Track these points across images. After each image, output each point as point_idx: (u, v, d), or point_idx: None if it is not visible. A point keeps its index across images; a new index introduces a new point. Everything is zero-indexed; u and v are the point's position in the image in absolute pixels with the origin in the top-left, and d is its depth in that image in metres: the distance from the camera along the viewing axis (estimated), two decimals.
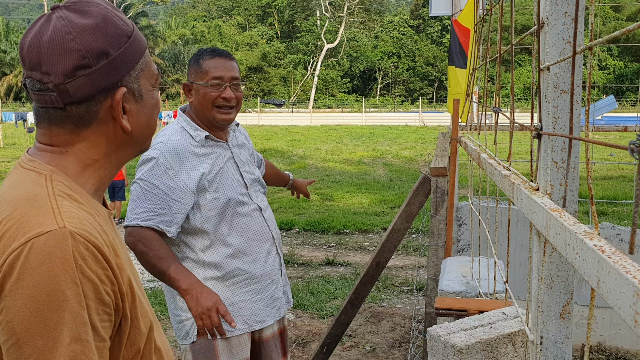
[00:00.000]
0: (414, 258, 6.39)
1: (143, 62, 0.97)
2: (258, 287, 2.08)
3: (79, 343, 0.78)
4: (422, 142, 20.32)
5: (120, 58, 0.92)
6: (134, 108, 0.96)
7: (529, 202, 1.00)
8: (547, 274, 1.00)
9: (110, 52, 0.91)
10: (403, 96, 50.01)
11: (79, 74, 0.88)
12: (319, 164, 14.50)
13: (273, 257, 2.14)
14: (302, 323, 4.54)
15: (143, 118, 0.98)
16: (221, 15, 57.97)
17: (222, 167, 2.05)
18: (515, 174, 1.29)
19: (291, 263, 6.21)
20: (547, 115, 0.99)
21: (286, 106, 44.86)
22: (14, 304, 0.77)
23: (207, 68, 2.01)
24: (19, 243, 0.80)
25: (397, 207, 9.14)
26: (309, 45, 51.04)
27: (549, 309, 1.01)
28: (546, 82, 0.98)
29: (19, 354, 0.77)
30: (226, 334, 1.91)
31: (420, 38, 51.44)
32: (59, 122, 0.92)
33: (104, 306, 0.83)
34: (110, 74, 0.91)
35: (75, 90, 0.89)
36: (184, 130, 2.05)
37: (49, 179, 0.89)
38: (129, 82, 0.94)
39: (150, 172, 1.95)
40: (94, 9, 0.91)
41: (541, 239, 1.02)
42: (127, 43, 0.93)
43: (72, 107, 0.91)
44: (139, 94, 0.97)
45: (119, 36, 0.92)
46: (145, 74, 0.98)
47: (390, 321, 4.60)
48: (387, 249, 3.02)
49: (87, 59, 0.88)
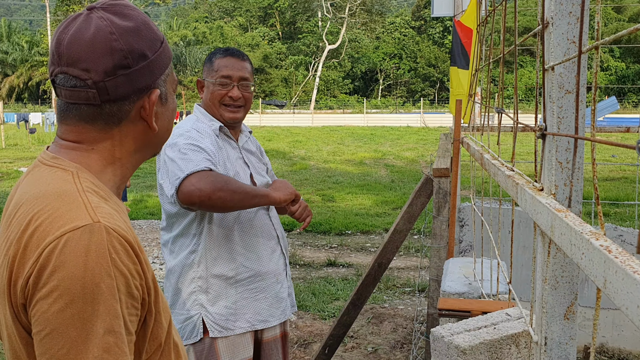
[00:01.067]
0: (415, 259, 6.39)
1: (170, 68, 1.02)
2: (262, 285, 2.07)
3: (112, 335, 0.80)
4: (423, 143, 20.31)
5: (156, 61, 0.97)
6: (160, 110, 1.01)
7: (533, 203, 1.00)
8: (551, 274, 1.00)
9: (148, 54, 0.95)
10: (404, 97, 50.01)
11: (119, 72, 0.92)
12: (321, 165, 14.50)
13: (278, 255, 2.14)
14: (303, 324, 4.54)
15: (166, 121, 1.03)
16: (223, 16, 58.04)
17: (234, 162, 2.07)
18: (519, 174, 1.29)
19: (293, 264, 6.20)
20: (551, 115, 0.98)
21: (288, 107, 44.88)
22: (50, 295, 0.79)
23: (218, 66, 2.06)
24: (54, 237, 0.81)
25: (398, 208, 9.14)
26: (311, 46, 51.06)
27: (553, 310, 1.01)
28: (551, 82, 0.98)
29: (52, 344, 0.78)
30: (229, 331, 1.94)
31: (422, 39, 51.44)
32: (91, 119, 0.95)
33: (132, 300, 0.85)
34: (147, 76, 0.95)
35: (113, 89, 0.92)
36: (201, 121, 2.10)
37: (76, 176, 0.91)
38: (161, 85, 0.99)
39: (182, 143, 1.90)
40: (133, 12, 0.96)
41: (545, 240, 1.02)
42: (161, 48, 0.98)
43: (107, 105, 0.94)
44: (165, 97, 1.01)
45: (155, 40, 0.97)
46: (170, 79, 1.02)
47: (392, 322, 4.60)
48: (389, 250, 3.01)
49: (129, 59, 0.93)
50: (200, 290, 2.00)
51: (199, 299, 2.00)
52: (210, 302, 2.00)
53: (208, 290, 2.00)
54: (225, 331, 2.00)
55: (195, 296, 2.00)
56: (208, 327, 2.00)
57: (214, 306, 2.00)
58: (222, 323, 2.00)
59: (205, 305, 2.00)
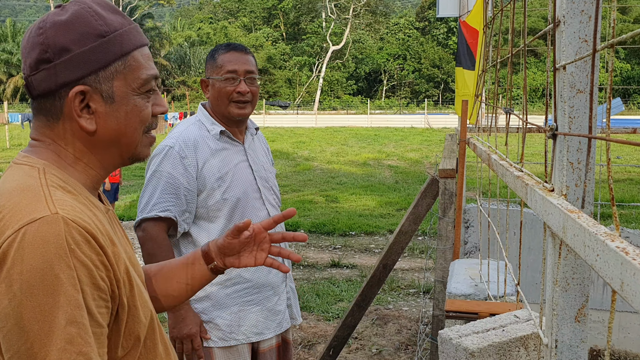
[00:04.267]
0: (420, 260, 6.37)
1: (122, 65, 0.95)
2: (258, 298, 2.04)
3: (75, 326, 0.79)
4: (427, 144, 20.28)
5: (84, 56, 0.92)
6: (102, 110, 0.95)
7: (544, 204, 0.98)
8: (562, 276, 0.99)
9: (72, 48, 0.92)
10: (408, 98, 49.94)
11: (41, 67, 0.92)
12: (324, 166, 14.49)
13: None
14: (307, 325, 4.53)
15: (112, 122, 0.96)
16: (227, 17, 58.09)
17: (234, 168, 2.02)
18: (528, 175, 1.28)
19: (297, 265, 6.19)
20: (562, 115, 0.97)
21: (291, 108, 44.88)
22: (9, 290, 0.78)
23: (222, 62, 2.01)
24: (12, 230, 0.81)
25: (402, 209, 9.12)
26: (315, 47, 51.06)
27: (564, 312, 1.00)
28: (562, 81, 0.97)
29: (16, 339, 0.77)
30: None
31: (426, 40, 51.37)
32: (36, 113, 0.96)
33: (99, 291, 0.83)
34: (71, 70, 0.92)
35: (37, 83, 0.92)
36: (201, 123, 2.06)
37: (41, 172, 0.91)
38: (95, 82, 0.94)
39: (165, 161, 1.94)
40: (73, 7, 0.94)
41: (556, 241, 1.00)
42: (96, 42, 0.93)
43: (41, 101, 0.94)
44: (110, 96, 0.95)
45: (87, 34, 0.92)
46: (124, 77, 0.96)
47: (396, 324, 4.58)
48: (395, 251, 3.00)
49: (49, 53, 0.91)
50: (196, 299, 1.99)
51: (195, 308, 1.98)
52: (206, 312, 1.99)
53: (204, 299, 1.99)
54: (220, 342, 1.99)
55: (194, 305, 1.99)
56: None
57: (209, 315, 1.99)
58: (218, 333, 1.99)
59: (201, 314, 1.99)
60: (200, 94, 40.53)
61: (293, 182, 11.92)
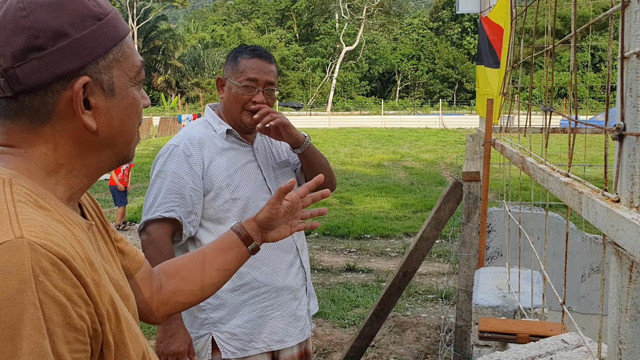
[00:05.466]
0: (438, 264, 6.20)
1: (119, 52, 0.83)
2: (278, 302, 1.91)
3: None
4: (442, 144, 20.05)
5: (84, 41, 0.78)
6: (102, 104, 0.82)
7: (609, 217, 0.83)
8: (632, 303, 0.84)
9: (70, 32, 0.77)
10: (423, 98, 49.62)
11: (30, 56, 0.75)
12: (338, 167, 14.33)
13: (296, 269, 1.97)
14: (323, 332, 4.38)
15: (114, 118, 0.83)
16: (240, 18, 58.22)
17: (242, 167, 1.92)
18: (579, 181, 1.13)
19: (311, 269, 6.06)
20: (633, 112, 0.82)
21: (304, 109, 44.80)
22: None
23: (244, 68, 1.89)
24: None
25: (418, 211, 8.94)
26: (328, 48, 50.93)
27: (633, 345, 0.84)
28: (632, 72, 0.81)
29: None
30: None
31: (440, 40, 51.02)
32: (13, 115, 0.78)
33: (75, 332, 0.68)
34: (70, 59, 0.77)
35: (25, 76, 0.75)
36: (208, 123, 1.97)
37: (7, 183, 0.74)
38: (96, 72, 0.80)
39: (170, 161, 1.85)
40: None
41: (624, 261, 0.85)
42: (94, 25, 0.79)
43: (26, 98, 0.77)
44: (110, 88, 0.82)
45: (84, 16, 0.78)
46: (121, 66, 0.83)
47: (414, 331, 4.42)
48: (415, 258, 2.85)
49: (41, 39, 0.75)
50: (211, 307, 1.86)
51: (210, 318, 1.86)
52: (222, 321, 1.85)
53: (219, 307, 1.86)
54: (239, 352, 1.85)
55: (206, 314, 1.86)
56: (220, 348, 1.85)
57: (226, 325, 1.85)
58: (236, 343, 1.85)
59: (216, 324, 1.85)
60: (214, 96, 40.59)
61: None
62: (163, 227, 1.80)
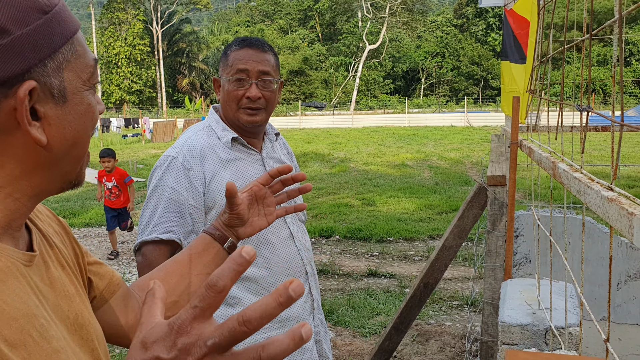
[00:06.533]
0: (463, 269, 5.97)
1: (69, 51, 0.69)
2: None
3: None
4: (468, 143, 19.67)
5: (27, 39, 0.64)
6: (52, 113, 0.67)
7: None
8: None
9: (9, 29, 0.62)
10: (447, 96, 49.06)
11: None
12: (361, 167, 14.13)
13: (304, 297, 1.78)
14: (342, 342, 4.21)
15: (67, 129, 0.69)
16: (263, 19, 58.38)
17: (249, 180, 1.71)
18: (624, 195, 0.94)
19: (331, 274, 5.89)
20: None
21: (327, 109, 44.65)
22: None
23: (233, 60, 1.69)
24: None
25: (443, 212, 8.70)
26: (351, 47, 50.70)
27: None
28: None
29: None
30: None
31: (465, 37, 50.35)
32: None
33: None
34: (11, 61, 0.62)
35: None
36: (211, 129, 1.76)
37: None
38: (44, 76, 0.65)
39: (167, 174, 1.66)
40: None
41: None
42: (40, 20, 0.65)
43: None
44: (61, 93, 0.68)
45: (27, 9, 0.64)
46: (73, 67, 0.69)
47: (439, 340, 4.22)
48: (437, 269, 2.66)
49: None
50: None
51: None
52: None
53: None
54: None
55: None
56: None
57: None
58: None
59: None
60: None
61: (328, 184, 11.61)
62: (160, 249, 1.64)
